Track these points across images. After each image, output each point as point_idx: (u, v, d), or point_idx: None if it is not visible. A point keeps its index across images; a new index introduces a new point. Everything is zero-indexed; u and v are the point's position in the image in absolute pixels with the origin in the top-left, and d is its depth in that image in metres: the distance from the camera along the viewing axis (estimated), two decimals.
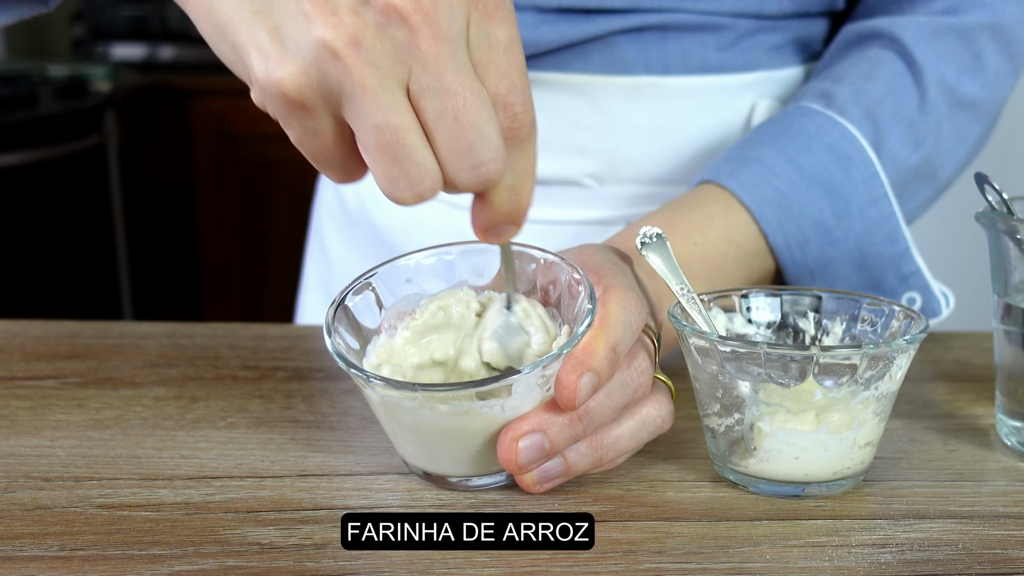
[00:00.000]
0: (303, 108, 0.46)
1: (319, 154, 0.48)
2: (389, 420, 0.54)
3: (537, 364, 0.50)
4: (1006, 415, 0.61)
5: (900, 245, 0.73)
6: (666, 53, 0.80)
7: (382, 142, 0.45)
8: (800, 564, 0.49)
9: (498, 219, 0.50)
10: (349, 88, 0.44)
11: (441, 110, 0.45)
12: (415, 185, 0.46)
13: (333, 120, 0.46)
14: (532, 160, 0.49)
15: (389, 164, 0.46)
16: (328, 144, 0.47)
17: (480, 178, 0.47)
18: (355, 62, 0.44)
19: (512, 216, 0.50)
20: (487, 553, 0.49)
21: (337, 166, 0.48)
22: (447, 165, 0.46)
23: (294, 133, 0.47)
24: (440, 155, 0.46)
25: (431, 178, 0.46)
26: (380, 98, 0.44)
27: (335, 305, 0.55)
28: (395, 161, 0.46)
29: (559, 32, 0.78)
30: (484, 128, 0.46)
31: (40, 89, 2.47)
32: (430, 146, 0.46)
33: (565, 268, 0.56)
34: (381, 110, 0.45)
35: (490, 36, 0.46)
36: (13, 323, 0.79)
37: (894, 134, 0.74)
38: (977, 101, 0.77)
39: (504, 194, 0.49)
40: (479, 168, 0.46)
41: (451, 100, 0.45)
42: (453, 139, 0.46)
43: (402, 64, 0.45)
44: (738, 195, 0.70)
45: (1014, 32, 0.77)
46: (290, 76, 0.44)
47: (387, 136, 0.45)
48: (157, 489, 0.54)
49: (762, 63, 0.83)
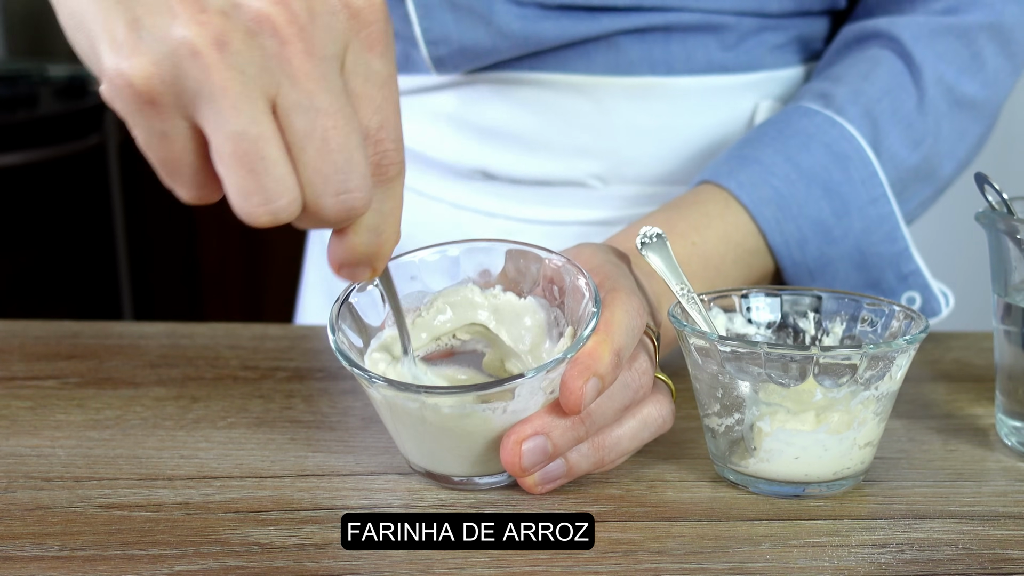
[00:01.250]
0: (151, 105, 0.42)
1: (168, 162, 0.44)
2: (392, 420, 0.54)
3: (541, 368, 0.50)
4: (1006, 415, 0.61)
5: (899, 244, 0.73)
6: (670, 53, 0.80)
7: (239, 151, 0.42)
8: (800, 564, 0.49)
9: (355, 259, 0.47)
10: (207, 90, 0.41)
11: (310, 129, 0.42)
12: (270, 201, 0.42)
13: (185, 124, 0.43)
14: (398, 203, 0.46)
15: (244, 176, 0.42)
16: (177, 150, 0.43)
17: (344, 206, 0.44)
18: (217, 63, 0.41)
19: (370, 258, 0.47)
20: (487, 553, 0.49)
21: (187, 178, 0.44)
22: (310, 188, 0.43)
23: (141, 135, 0.43)
24: (304, 177, 0.43)
25: (288, 197, 0.43)
26: (240, 104, 0.41)
27: (339, 302, 0.55)
28: (251, 173, 0.42)
29: (562, 29, 0.78)
30: (353, 155, 0.43)
31: (40, 89, 2.47)
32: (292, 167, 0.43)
33: (570, 269, 0.56)
34: (241, 117, 0.41)
35: (368, 67, 0.44)
36: (13, 323, 0.79)
37: (893, 133, 0.74)
38: (977, 101, 0.77)
39: (365, 234, 0.46)
40: (344, 195, 0.43)
41: (321, 120, 0.42)
42: (320, 161, 0.43)
43: (269, 75, 0.42)
44: (736, 195, 0.70)
45: (1014, 32, 0.77)
46: (141, 68, 0.41)
47: (244, 145, 0.42)
48: (157, 489, 0.54)
49: (765, 63, 0.83)
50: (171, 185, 0.45)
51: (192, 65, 0.41)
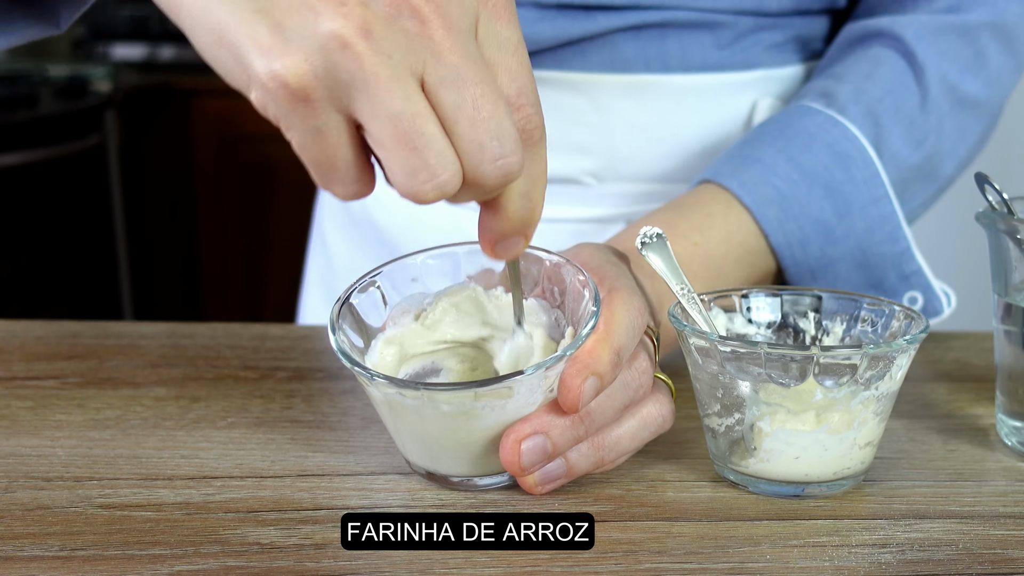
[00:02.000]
0: (306, 102, 0.43)
1: (324, 160, 0.45)
2: (392, 419, 0.54)
3: (540, 365, 0.50)
4: (1006, 415, 0.61)
5: (901, 244, 0.73)
6: (666, 51, 0.80)
7: (399, 132, 0.43)
8: (800, 564, 0.49)
9: (510, 228, 0.48)
10: (360, 78, 0.42)
11: (460, 101, 0.44)
12: (436, 176, 0.44)
13: (339, 116, 0.44)
14: (544, 165, 0.48)
15: (408, 155, 0.43)
16: (333, 146, 0.45)
17: (502, 171, 0.45)
18: (366, 51, 0.42)
19: (524, 224, 0.48)
20: (487, 553, 0.49)
21: (343, 174, 0.46)
22: (468, 158, 0.44)
23: (297, 136, 0.45)
24: (461, 148, 0.44)
25: (451, 170, 0.44)
26: (394, 87, 0.43)
27: (340, 303, 0.55)
28: (414, 151, 0.43)
29: (559, 29, 0.78)
30: (503, 121, 0.44)
31: (40, 89, 2.47)
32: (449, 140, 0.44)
33: (570, 270, 0.56)
34: (396, 99, 0.43)
35: (499, 36, 0.46)
36: (13, 323, 0.79)
37: (895, 133, 0.73)
38: (979, 99, 0.77)
39: (517, 200, 0.47)
40: (500, 160, 0.45)
41: (470, 90, 0.44)
42: (474, 130, 0.44)
43: (415, 55, 0.43)
44: (738, 195, 0.70)
45: (1016, 30, 0.77)
46: (294, 66, 0.42)
47: (405, 125, 0.43)
48: (157, 489, 0.54)
49: (762, 61, 0.83)
50: (326, 185, 0.46)
51: (343, 56, 0.42)
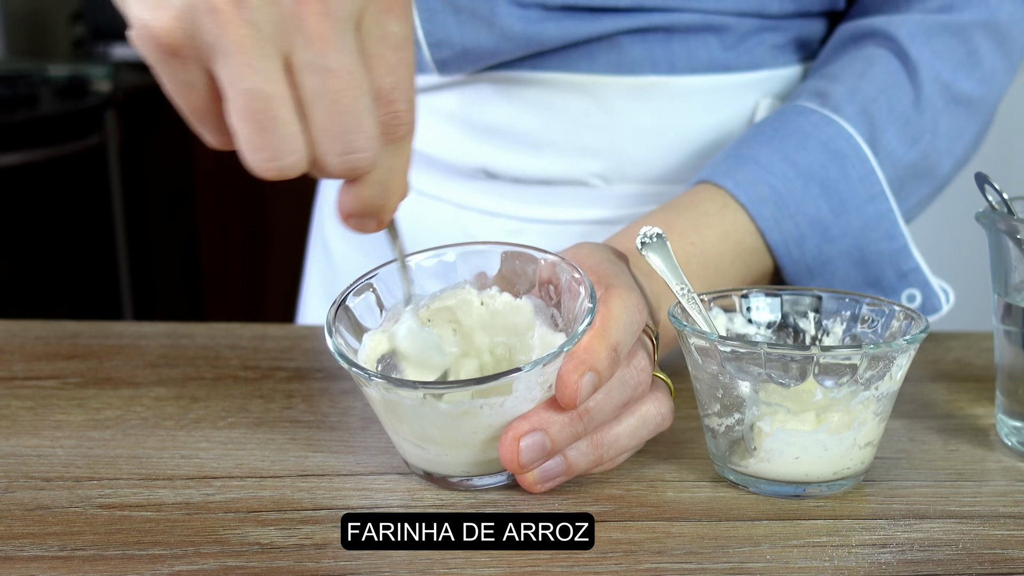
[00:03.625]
0: (174, 56, 0.44)
1: (193, 109, 0.46)
2: (390, 419, 0.54)
3: (538, 362, 0.50)
4: (1006, 415, 0.61)
5: (898, 242, 0.73)
6: (672, 52, 0.81)
7: (250, 108, 0.43)
8: (800, 564, 0.49)
9: (361, 210, 0.49)
10: (223, 44, 0.43)
11: (320, 89, 0.44)
12: (277, 159, 0.44)
13: (205, 75, 0.44)
14: (406, 159, 0.48)
15: (254, 133, 0.44)
16: (201, 99, 0.45)
17: (349, 165, 0.46)
18: (233, 18, 0.42)
19: (377, 211, 0.49)
20: (487, 553, 0.49)
21: (211, 126, 0.46)
22: (318, 146, 0.45)
23: (168, 83, 0.45)
24: (312, 135, 0.45)
25: (296, 155, 0.45)
26: (254, 62, 0.43)
27: (336, 305, 0.55)
28: (261, 131, 0.44)
29: (564, 30, 0.78)
30: (361, 116, 0.45)
31: (40, 89, 2.47)
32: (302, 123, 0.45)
33: (565, 268, 0.56)
34: (254, 75, 0.43)
35: (384, 29, 0.45)
36: (13, 323, 0.79)
37: (890, 131, 0.74)
38: (973, 98, 0.77)
39: (373, 188, 0.48)
40: (349, 155, 0.45)
41: (332, 82, 0.44)
42: (328, 121, 0.44)
43: (285, 34, 0.43)
44: (734, 194, 0.70)
45: (1009, 29, 0.77)
46: (164, 20, 0.43)
47: (256, 103, 0.43)
48: (157, 489, 0.54)
49: (765, 62, 0.83)
50: (199, 131, 0.47)
51: (210, 20, 0.42)
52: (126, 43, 3.13)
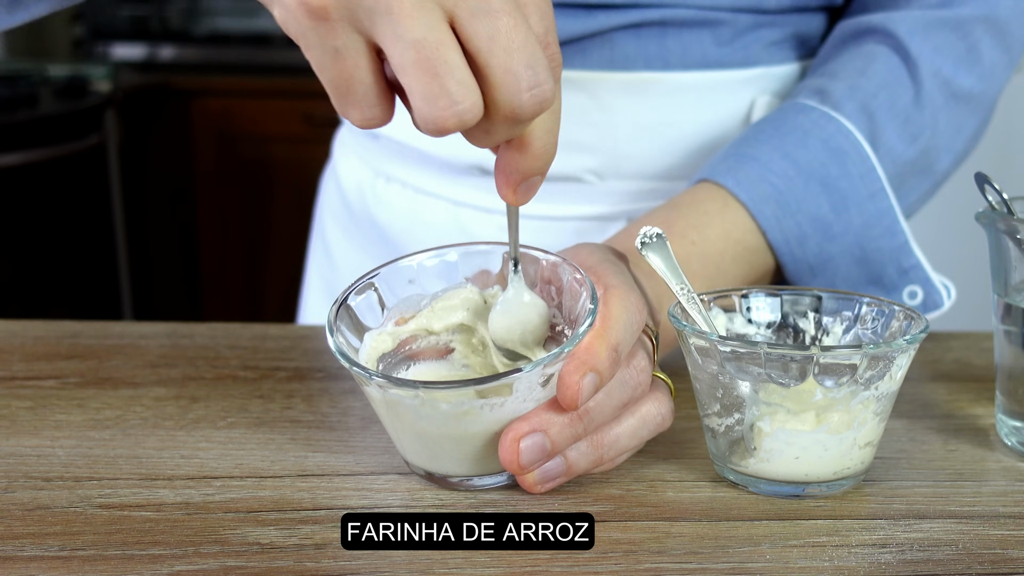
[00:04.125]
0: (325, 20, 0.44)
1: (341, 81, 0.45)
2: (391, 419, 0.54)
3: (538, 362, 0.50)
4: (1006, 415, 0.61)
5: (899, 239, 0.73)
6: (666, 48, 0.81)
7: (421, 57, 0.43)
8: (800, 564, 0.49)
9: (535, 166, 0.48)
10: (385, 6, 0.43)
11: (493, 31, 0.44)
12: (456, 103, 0.44)
13: (360, 39, 0.44)
14: (559, 103, 0.49)
15: (429, 81, 0.44)
16: (351, 67, 0.45)
17: (537, 99, 0.45)
18: None
19: (546, 161, 0.49)
20: (487, 553, 0.49)
21: (360, 97, 0.46)
22: (504, 88, 0.45)
23: (314, 54, 0.45)
24: (496, 78, 0.45)
25: (472, 98, 0.44)
26: (418, 14, 0.43)
27: (337, 304, 0.55)
28: (435, 78, 0.44)
29: (558, 27, 0.78)
30: (535, 50, 0.45)
31: (40, 89, 2.47)
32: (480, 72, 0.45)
33: (567, 269, 0.56)
34: (419, 25, 0.43)
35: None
36: (13, 323, 0.79)
37: (890, 128, 0.74)
38: (973, 94, 0.77)
39: (544, 137, 0.48)
40: (536, 88, 0.45)
41: (503, 20, 0.44)
42: (510, 59, 0.44)
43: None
44: (735, 192, 0.70)
45: (1008, 24, 0.77)
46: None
47: (428, 51, 0.43)
48: (157, 489, 0.54)
49: (761, 59, 0.83)
50: (343, 109, 0.46)
51: None
52: (126, 43, 3.11)
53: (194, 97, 2.70)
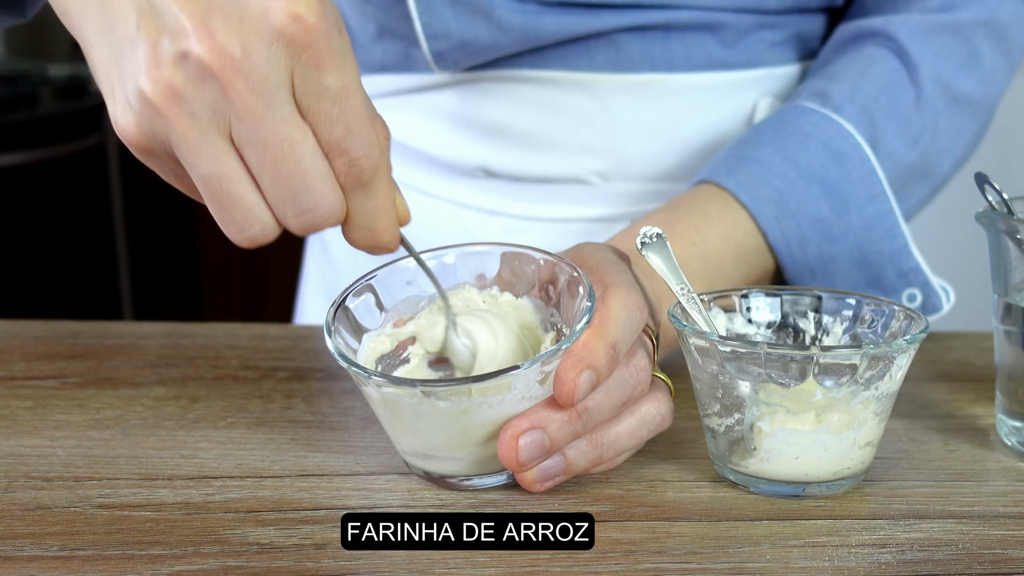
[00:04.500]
0: (150, 155, 0.47)
1: (193, 194, 0.49)
2: (390, 419, 0.54)
3: (536, 359, 0.50)
4: (1006, 415, 0.61)
5: (899, 241, 0.73)
6: (670, 50, 0.81)
7: (209, 192, 0.47)
8: (800, 564, 0.49)
9: (362, 248, 0.50)
10: (175, 139, 0.46)
11: (261, 161, 0.46)
12: (244, 230, 0.48)
13: (180, 166, 0.48)
14: (382, 200, 0.49)
15: (219, 211, 0.47)
16: (192, 186, 0.48)
17: (307, 223, 0.48)
18: (175, 115, 0.45)
19: (372, 248, 0.50)
20: (487, 553, 0.49)
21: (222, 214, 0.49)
22: (276, 211, 0.48)
23: (161, 174, 0.49)
24: (268, 202, 0.47)
25: (260, 224, 0.48)
26: (202, 149, 0.46)
27: (335, 306, 0.55)
28: (223, 208, 0.47)
29: (561, 24, 0.78)
30: (305, 178, 0.47)
31: (40, 89, 2.47)
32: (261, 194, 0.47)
33: (564, 268, 0.56)
34: (204, 161, 0.46)
35: (319, 84, 0.46)
36: (13, 323, 0.79)
37: (890, 131, 0.74)
38: (973, 98, 0.77)
39: (359, 232, 0.50)
40: (306, 214, 0.47)
41: (268, 152, 0.46)
42: (275, 188, 0.47)
43: (221, 116, 0.46)
44: (736, 194, 0.70)
45: (1009, 28, 0.77)
46: (128, 127, 0.46)
47: (212, 186, 0.46)
48: (157, 489, 0.54)
49: (764, 60, 0.83)
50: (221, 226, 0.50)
51: (158, 120, 0.46)
52: None
53: None
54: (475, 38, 0.79)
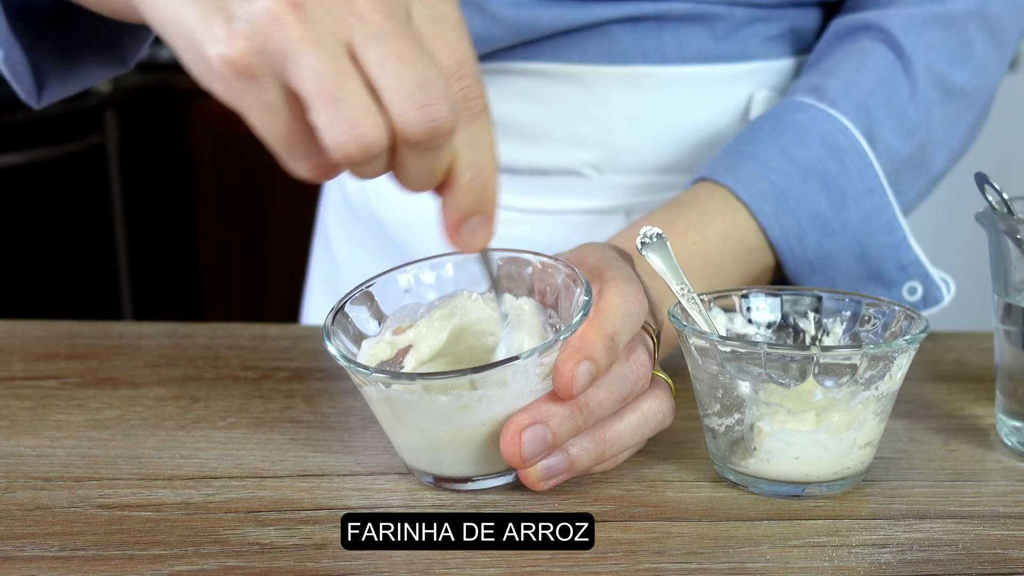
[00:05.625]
0: (253, 78, 0.45)
1: (282, 135, 0.46)
2: (392, 420, 0.54)
3: (534, 350, 0.50)
4: (1006, 415, 0.61)
5: (897, 234, 0.73)
6: (663, 42, 0.81)
7: (321, 89, 0.44)
8: (800, 564, 0.49)
9: (466, 203, 0.48)
10: (291, 47, 0.44)
11: (383, 54, 0.44)
12: (354, 127, 0.44)
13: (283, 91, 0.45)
14: (490, 136, 0.48)
15: (328, 109, 0.44)
16: (286, 121, 0.46)
17: (428, 118, 0.45)
18: (294, 21, 0.44)
19: (481, 200, 0.48)
20: (487, 553, 0.49)
21: (300, 151, 0.47)
22: (394, 108, 0.45)
23: (253, 115, 0.46)
24: (387, 100, 0.45)
25: (371, 121, 0.45)
26: (318, 50, 0.44)
27: (334, 311, 0.56)
28: (333, 105, 0.44)
29: (554, 16, 0.79)
30: (428, 70, 0.45)
31: None
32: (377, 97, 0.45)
33: (561, 268, 0.56)
34: (319, 60, 0.44)
35: (434, 11, 0.46)
36: (13, 323, 0.79)
37: (886, 124, 0.74)
38: (967, 89, 0.77)
39: (468, 172, 0.47)
40: (426, 107, 0.45)
41: (393, 43, 0.44)
42: (398, 78, 0.44)
43: (342, 22, 0.44)
44: (734, 191, 0.71)
45: (1000, 19, 0.78)
46: (239, 46, 0.44)
47: (326, 81, 0.44)
48: (157, 489, 0.54)
49: (758, 53, 0.83)
50: (289, 163, 0.47)
51: (275, 29, 0.44)
52: None
53: (194, 97, 2.70)
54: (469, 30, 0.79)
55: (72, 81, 0.72)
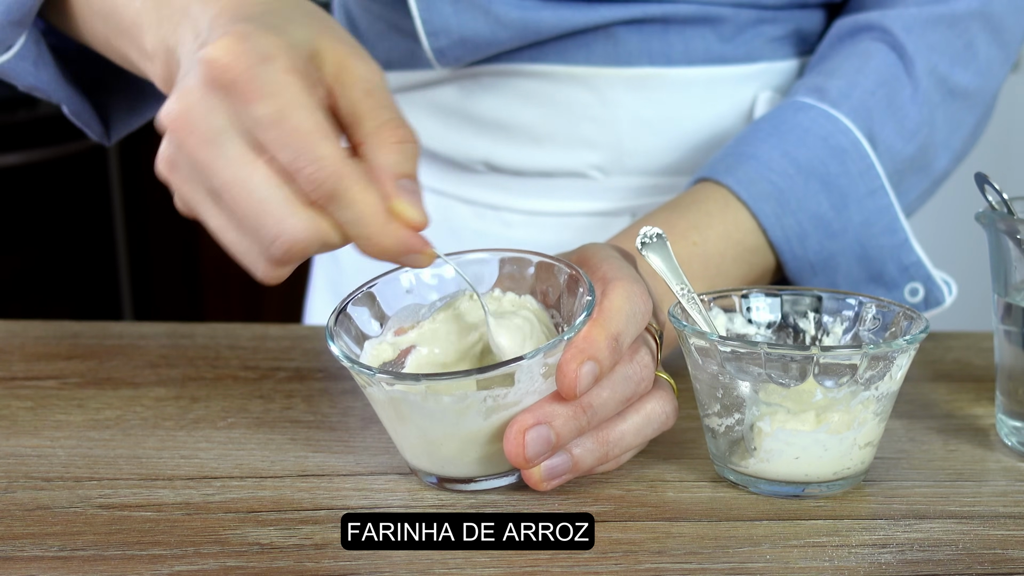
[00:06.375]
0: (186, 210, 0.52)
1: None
2: (395, 421, 0.54)
3: (539, 351, 0.50)
4: (1006, 415, 0.61)
5: (899, 236, 0.73)
6: (668, 44, 0.81)
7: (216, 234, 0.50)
8: (800, 564, 0.49)
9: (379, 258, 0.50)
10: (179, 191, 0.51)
11: (223, 206, 0.49)
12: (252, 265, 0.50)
13: None
14: (361, 206, 0.48)
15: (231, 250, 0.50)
16: None
17: (279, 251, 0.48)
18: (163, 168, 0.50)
19: (383, 256, 0.49)
20: (487, 553, 0.49)
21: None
22: (250, 256, 0.50)
23: None
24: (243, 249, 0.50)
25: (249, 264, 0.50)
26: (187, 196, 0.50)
27: (336, 312, 0.56)
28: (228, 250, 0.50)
29: (560, 18, 0.79)
30: (261, 207, 0.47)
31: None
32: None
33: (562, 268, 0.56)
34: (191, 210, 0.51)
35: (252, 117, 0.47)
36: (13, 323, 0.79)
37: (888, 125, 0.74)
38: (970, 90, 0.77)
39: (360, 243, 0.49)
40: (273, 244, 0.48)
41: (226, 195, 0.48)
42: (244, 228, 0.48)
43: (194, 171, 0.49)
44: (735, 191, 0.71)
45: (1003, 20, 0.77)
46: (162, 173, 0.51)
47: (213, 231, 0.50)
48: (157, 489, 0.54)
49: (763, 54, 0.83)
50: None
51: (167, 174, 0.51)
52: None
53: None
54: (474, 33, 0.79)
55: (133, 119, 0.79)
